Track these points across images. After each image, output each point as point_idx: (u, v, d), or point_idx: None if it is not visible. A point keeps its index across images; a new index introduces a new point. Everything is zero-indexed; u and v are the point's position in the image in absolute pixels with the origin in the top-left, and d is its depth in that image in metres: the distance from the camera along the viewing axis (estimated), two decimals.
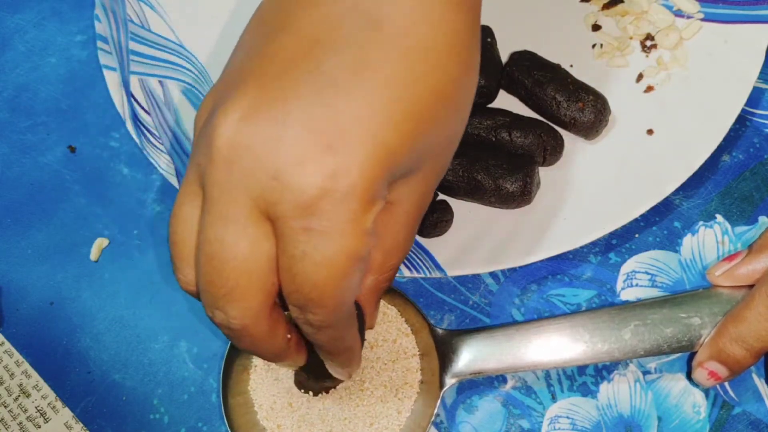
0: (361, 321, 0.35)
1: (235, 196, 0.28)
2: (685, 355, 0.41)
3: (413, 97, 0.29)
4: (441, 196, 0.44)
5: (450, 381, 0.40)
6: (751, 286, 0.39)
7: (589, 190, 0.44)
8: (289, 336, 0.33)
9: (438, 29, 0.30)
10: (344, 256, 0.28)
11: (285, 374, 0.40)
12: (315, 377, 0.39)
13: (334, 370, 0.35)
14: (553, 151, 0.45)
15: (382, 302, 0.42)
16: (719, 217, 0.45)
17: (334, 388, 0.40)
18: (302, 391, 0.40)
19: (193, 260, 0.31)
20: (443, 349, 0.40)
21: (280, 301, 0.31)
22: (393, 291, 0.41)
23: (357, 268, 0.29)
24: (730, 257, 0.41)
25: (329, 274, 0.28)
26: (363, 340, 0.36)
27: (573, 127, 0.45)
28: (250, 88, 0.29)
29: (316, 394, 0.40)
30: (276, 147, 0.28)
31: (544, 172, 0.45)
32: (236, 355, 0.41)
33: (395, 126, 0.29)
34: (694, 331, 0.39)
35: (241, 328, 0.30)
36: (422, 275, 0.42)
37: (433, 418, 0.39)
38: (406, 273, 0.42)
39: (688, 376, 0.41)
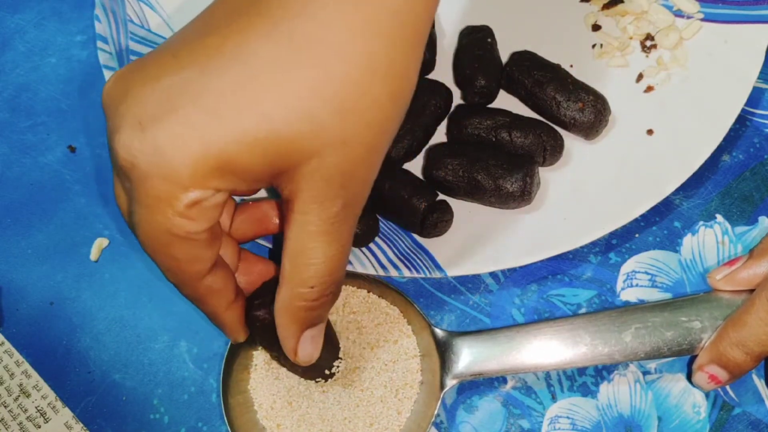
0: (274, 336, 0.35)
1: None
2: (686, 356, 0.41)
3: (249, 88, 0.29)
4: (441, 196, 0.44)
5: (450, 382, 0.40)
6: (751, 291, 0.39)
7: (589, 190, 0.44)
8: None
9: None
10: (152, 228, 0.30)
11: (285, 374, 0.40)
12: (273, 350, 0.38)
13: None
14: (553, 151, 0.45)
15: (385, 303, 0.42)
16: (719, 217, 0.45)
17: (328, 377, 0.39)
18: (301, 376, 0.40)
19: None
20: (444, 350, 0.40)
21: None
22: (395, 292, 0.41)
23: (178, 244, 0.31)
24: (730, 262, 0.41)
25: (143, 238, 0.31)
26: (277, 354, 0.36)
27: (573, 127, 0.45)
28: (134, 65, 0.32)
29: (310, 378, 0.40)
30: (113, 117, 0.30)
31: (544, 173, 0.45)
32: (236, 354, 0.41)
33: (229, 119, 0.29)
34: (695, 335, 0.39)
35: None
36: (422, 275, 0.42)
37: (433, 419, 0.39)
38: (406, 273, 0.42)
39: (689, 379, 0.41)
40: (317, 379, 0.39)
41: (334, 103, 0.29)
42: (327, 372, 0.39)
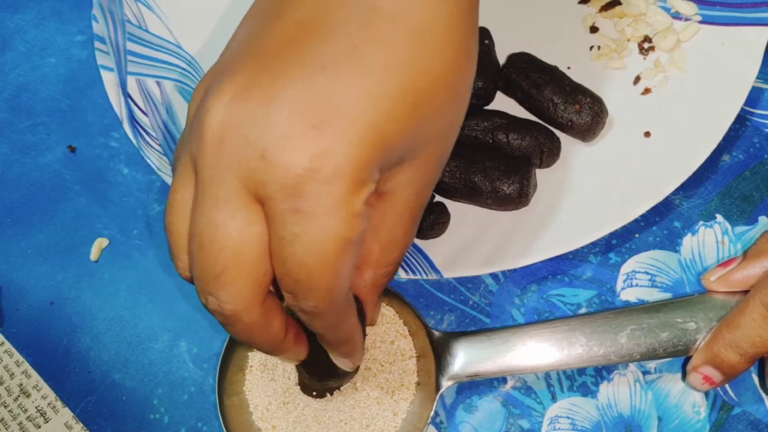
0: (362, 316, 0.35)
1: (225, 177, 0.28)
2: (681, 357, 0.41)
3: (408, 81, 0.29)
4: (438, 198, 0.44)
5: (446, 383, 0.40)
6: (746, 292, 0.39)
7: (585, 192, 0.44)
8: (285, 327, 0.32)
9: (436, 13, 0.30)
10: (333, 239, 0.28)
11: (280, 375, 0.40)
12: (318, 376, 0.38)
13: (337, 361, 0.35)
14: (550, 153, 0.45)
15: (381, 303, 0.42)
16: (719, 217, 0.45)
17: (338, 389, 0.40)
18: (306, 393, 0.40)
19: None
20: (440, 351, 0.40)
21: (277, 291, 0.31)
22: (390, 292, 0.41)
23: (348, 252, 0.29)
24: (725, 263, 0.41)
25: (318, 257, 0.28)
26: (365, 335, 0.36)
27: (570, 129, 0.45)
28: (241, 72, 0.29)
29: (320, 396, 0.40)
30: (264, 127, 0.28)
31: (541, 174, 0.45)
32: (232, 355, 0.41)
33: (387, 108, 0.29)
34: (690, 336, 0.39)
35: (233, 314, 0.30)
36: (418, 277, 0.42)
37: (429, 420, 0.39)
38: (402, 275, 0.42)
39: (684, 380, 0.41)
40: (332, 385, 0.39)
41: (447, 86, 0.31)
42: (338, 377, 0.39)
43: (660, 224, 0.45)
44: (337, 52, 0.28)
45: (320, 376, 0.38)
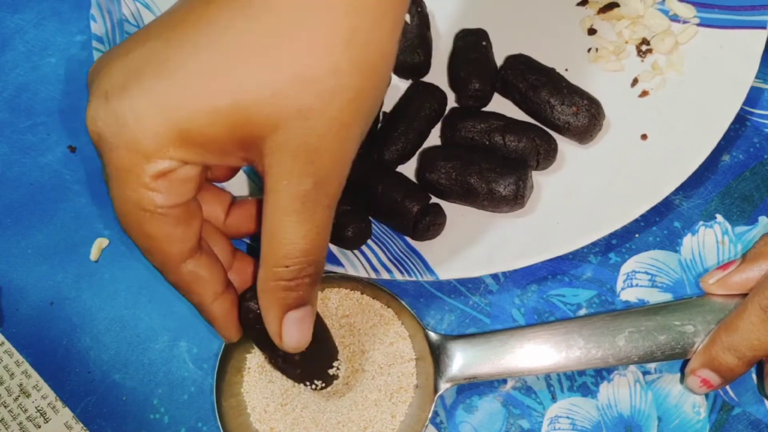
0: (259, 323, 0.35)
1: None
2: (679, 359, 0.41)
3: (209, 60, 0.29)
4: (434, 200, 0.45)
5: (445, 385, 0.40)
6: (744, 295, 0.39)
7: (582, 194, 0.44)
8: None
9: None
10: (124, 201, 0.31)
11: (279, 377, 0.40)
12: (300, 378, 0.39)
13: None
14: (546, 155, 0.45)
15: (379, 305, 0.42)
16: (719, 217, 0.45)
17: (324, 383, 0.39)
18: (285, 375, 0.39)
19: None
20: (438, 354, 0.40)
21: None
22: (389, 295, 0.41)
23: (149, 219, 0.31)
24: (723, 266, 0.41)
25: (119, 214, 0.31)
26: (271, 354, 0.37)
27: (567, 131, 0.45)
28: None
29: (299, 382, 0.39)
30: (96, 80, 0.30)
31: (537, 176, 0.45)
32: (229, 357, 0.41)
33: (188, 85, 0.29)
34: (688, 339, 0.39)
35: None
36: (414, 278, 0.42)
37: (427, 423, 0.39)
38: (398, 276, 0.42)
39: (682, 383, 0.41)
40: (314, 384, 0.39)
41: (291, 70, 0.28)
42: (324, 378, 0.39)
43: (660, 224, 0.45)
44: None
45: (301, 376, 0.38)
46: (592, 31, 0.49)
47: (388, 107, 0.47)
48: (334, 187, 0.31)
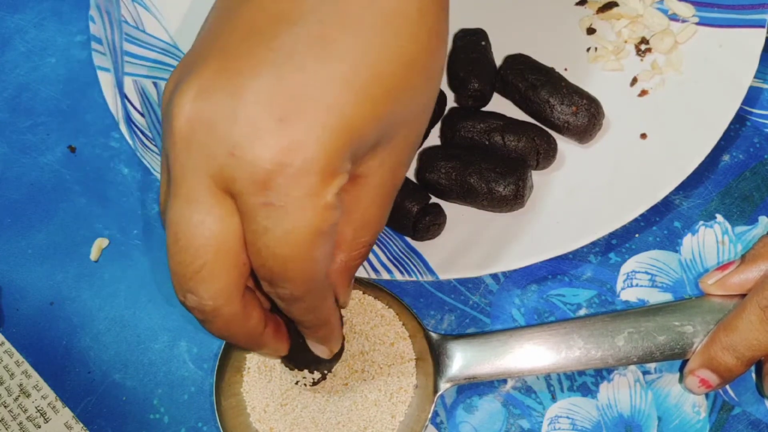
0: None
1: (196, 174, 0.28)
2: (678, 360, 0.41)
3: (381, 67, 0.29)
4: (434, 200, 0.44)
5: (444, 386, 0.40)
6: (743, 296, 0.39)
7: (582, 194, 0.44)
8: (264, 320, 0.33)
9: None
10: (305, 231, 0.28)
11: (278, 376, 0.40)
12: (297, 365, 0.38)
13: (315, 348, 0.36)
14: (546, 154, 0.45)
15: (380, 305, 0.42)
16: (719, 217, 0.45)
17: (317, 379, 0.39)
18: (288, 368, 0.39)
19: None
20: (438, 354, 0.40)
21: (256, 283, 0.31)
22: (389, 295, 0.41)
23: (320, 241, 0.29)
24: (722, 266, 0.41)
25: (291, 248, 0.28)
26: (342, 320, 0.36)
27: (566, 130, 0.45)
28: (208, 65, 0.29)
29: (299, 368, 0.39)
30: (231, 122, 0.27)
31: (537, 176, 0.45)
32: (229, 356, 0.41)
33: (355, 96, 0.28)
34: (687, 339, 0.39)
35: (214, 310, 0.30)
36: (413, 278, 0.42)
37: (427, 423, 0.39)
38: (398, 276, 0.42)
39: (681, 383, 0.41)
40: (319, 375, 0.39)
41: (420, 70, 0.30)
42: (326, 371, 0.39)
43: (660, 224, 0.45)
44: (305, 39, 0.28)
45: (298, 364, 0.38)
46: (591, 31, 0.49)
47: None
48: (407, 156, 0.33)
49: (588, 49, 0.49)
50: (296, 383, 0.39)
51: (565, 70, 0.48)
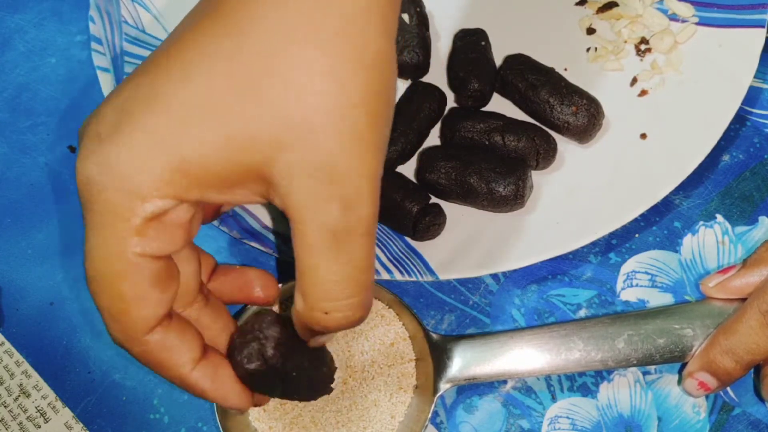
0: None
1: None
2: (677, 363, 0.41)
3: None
4: (434, 200, 0.44)
5: (444, 386, 0.40)
6: (743, 300, 0.39)
7: (582, 194, 0.44)
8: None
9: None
10: (97, 252, 0.28)
11: None
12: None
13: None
14: (546, 155, 0.45)
15: (381, 305, 0.42)
16: (719, 217, 0.45)
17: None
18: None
19: None
20: (438, 354, 0.40)
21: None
22: (389, 295, 0.41)
23: (123, 272, 0.28)
24: (724, 270, 0.41)
25: (91, 270, 0.28)
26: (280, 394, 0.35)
27: (566, 130, 0.45)
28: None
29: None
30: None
31: (536, 176, 0.45)
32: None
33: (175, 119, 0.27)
34: (686, 342, 0.39)
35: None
36: (414, 279, 0.42)
37: (426, 423, 0.39)
38: (398, 276, 0.42)
39: (679, 385, 0.41)
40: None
41: (287, 86, 0.26)
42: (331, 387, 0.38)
43: (660, 224, 0.45)
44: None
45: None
46: (591, 31, 0.49)
47: None
48: (366, 209, 0.28)
49: (588, 49, 0.49)
50: None
51: (565, 70, 0.48)
